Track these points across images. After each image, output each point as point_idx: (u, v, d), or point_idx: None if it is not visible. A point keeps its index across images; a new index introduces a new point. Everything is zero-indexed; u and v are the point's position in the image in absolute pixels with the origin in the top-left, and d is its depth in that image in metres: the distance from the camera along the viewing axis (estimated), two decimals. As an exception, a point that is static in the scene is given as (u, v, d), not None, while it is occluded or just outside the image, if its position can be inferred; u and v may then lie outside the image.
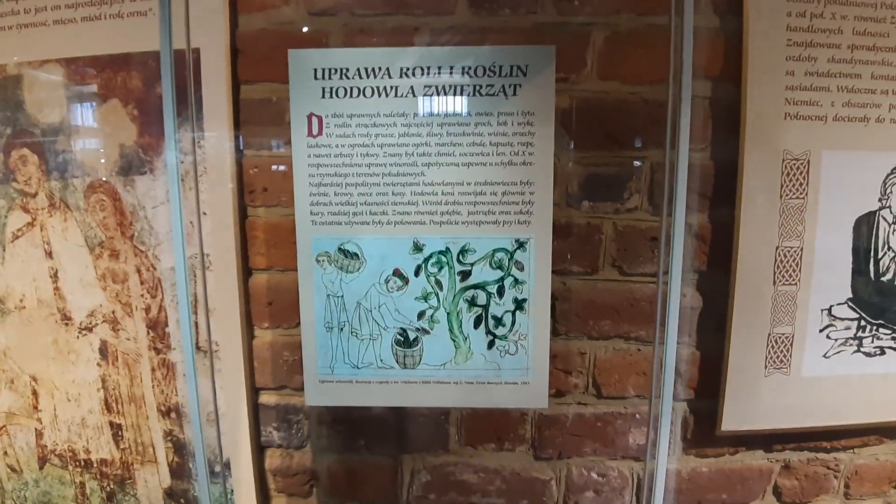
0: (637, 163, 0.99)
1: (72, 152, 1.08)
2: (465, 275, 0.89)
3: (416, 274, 0.90)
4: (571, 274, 1.01)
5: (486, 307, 0.90)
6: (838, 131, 0.98)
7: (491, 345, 0.92)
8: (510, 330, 0.91)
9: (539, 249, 0.89)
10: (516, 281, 0.89)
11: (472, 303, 0.90)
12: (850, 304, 1.03)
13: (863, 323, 1.04)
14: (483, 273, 0.90)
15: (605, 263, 1.02)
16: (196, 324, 1.07)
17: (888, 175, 1.00)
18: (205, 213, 1.02)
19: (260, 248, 1.03)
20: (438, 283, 0.90)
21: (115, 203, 1.07)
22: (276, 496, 1.12)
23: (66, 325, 1.12)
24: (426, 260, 0.90)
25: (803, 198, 0.99)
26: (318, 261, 0.91)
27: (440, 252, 0.89)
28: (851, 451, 1.12)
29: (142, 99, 1.03)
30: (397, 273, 0.90)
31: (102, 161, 1.07)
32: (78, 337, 1.12)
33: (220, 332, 1.05)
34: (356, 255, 0.90)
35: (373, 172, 0.89)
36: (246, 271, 1.04)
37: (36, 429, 1.19)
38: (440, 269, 0.89)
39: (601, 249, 1.01)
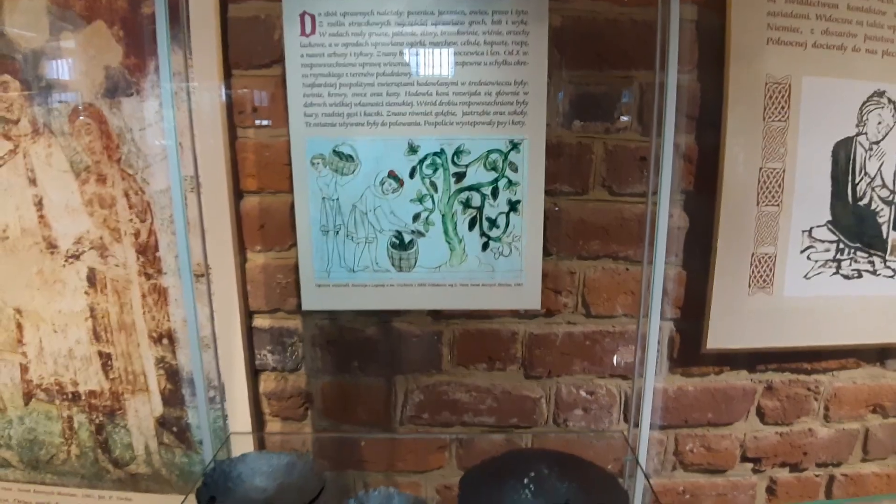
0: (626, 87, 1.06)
1: (55, 76, 1.11)
2: (460, 176, 0.96)
3: (411, 176, 0.96)
4: (562, 194, 1.09)
5: (480, 209, 0.97)
6: (817, 58, 1.06)
7: (485, 247, 0.98)
8: (504, 232, 0.98)
9: (533, 150, 0.96)
10: (510, 182, 0.96)
11: (466, 205, 0.96)
12: (830, 226, 1.12)
13: (841, 246, 1.13)
14: (477, 174, 0.96)
15: (595, 184, 1.09)
16: (188, 248, 1.12)
17: (864, 103, 1.08)
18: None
19: (251, 169, 1.09)
20: (433, 184, 0.96)
21: (100, 126, 1.11)
22: (270, 420, 1.19)
23: (52, 253, 1.16)
24: (421, 161, 0.96)
25: (785, 121, 1.07)
26: (312, 163, 0.96)
27: (435, 153, 0.95)
28: (831, 373, 1.22)
29: (127, 19, 1.07)
30: (392, 175, 0.95)
31: (87, 84, 1.10)
32: (64, 265, 1.16)
33: (213, 256, 1.11)
34: (351, 157, 0.96)
35: (366, 72, 0.95)
36: (237, 194, 1.09)
37: (20, 363, 1.23)
38: (435, 170, 0.95)
39: (591, 169, 1.08)
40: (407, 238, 0.98)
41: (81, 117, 1.12)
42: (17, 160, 1.14)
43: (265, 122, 1.07)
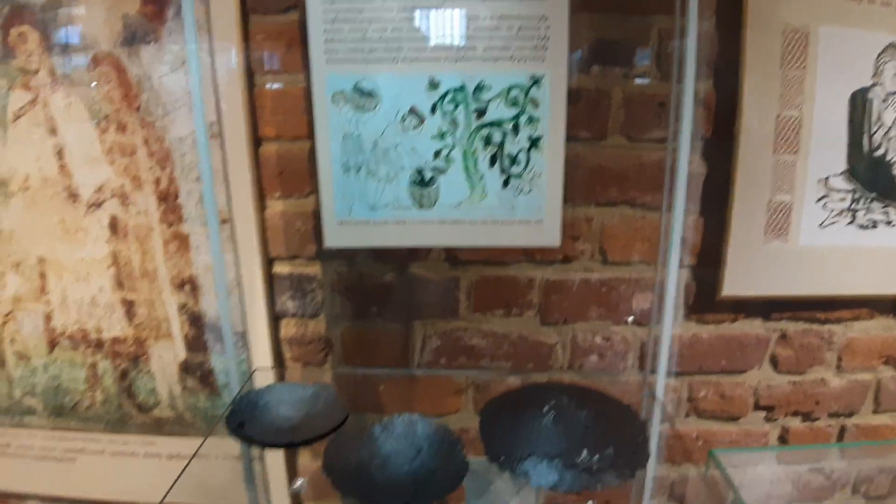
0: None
1: (73, 26, 1.12)
2: (481, 112, 0.97)
3: (432, 112, 0.97)
4: (580, 140, 1.10)
5: (501, 145, 0.98)
6: (835, 8, 1.07)
7: (506, 184, 1.00)
8: (525, 169, 0.99)
9: (554, 86, 0.97)
10: (531, 118, 0.97)
11: (487, 141, 0.98)
12: (846, 176, 1.13)
13: (857, 195, 1.14)
14: (498, 110, 0.97)
15: (613, 129, 1.10)
16: (213, 194, 1.14)
17: (880, 54, 1.08)
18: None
19: (269, 116, 1.10)
20: (454, 121, 0.97)
21: (119, 75, 1.13)
22: (291, 365, 1.22)
23: (74, 202, 1.19)
24: (442, 97, 0.97)
25: (803, 69, 1.08)
26: (333, 100, 0.97)
27: (455, 89, 0.96)
28: (844, 323, 1.23)
29: (145, -35, 1.08)
30: (413, 111, 0.96)
31: (105, 33, 1.11)
32: (86, 214, 1.19)
33: (233, 203, 1.12)
34: (372, 93, 0.97)
35: (387, 7, 0.95)
36: (256, 141, 1.11)
37: (44, 312, 1.26)
38: (456, 106, 0.96)
39: (609, 115, 1.09)
40: (428, 175, 0.99)
41: (100, 66, 1.13)
42: (37, 110, 1.16)
43: (283, 68, 1.08)
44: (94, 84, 1.13)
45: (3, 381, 1.34)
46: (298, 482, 1.06)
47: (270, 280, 1.19)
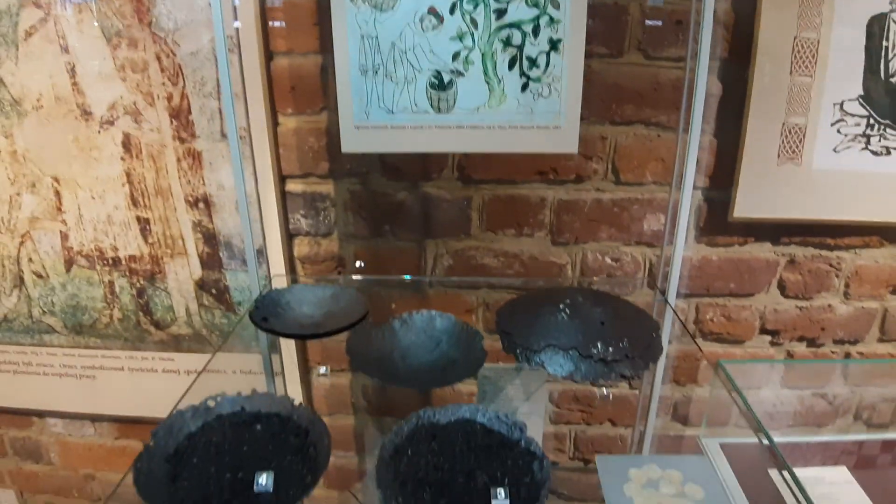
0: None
1: (82, -62, 1.11)
2: (501, 13, 0.96)
3: (451, 12, 0.96)
4: (596, 56, 1.09)
5: (520, 48, 0.98)
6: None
7: (524, 87, 1.00)
8: (544, 72, 0.99)
9: None
10: (552, 20, 0.96)
11: (506, 43, 0.97)
12: (861, 101, 1.12)
13: (871, 121, 1.13)
14: (519, 11, 0.96)
15: (630, 46, 1.09)
16: (220, 111, 1.14)
17: (900, -22, 1.06)
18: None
19: (280, 30, 1.09)
20: (473, 21, 0.96)
21: (130, -12, 1.11)
22: (304, 282, 1.24)
23: (87, 120, 1.19)
24: (462, -4, 0.95)
25: (821, -11, 1.06)
26: (351, -1, 0.96)
27: (476, -13, 0.94)
28: (853, 251, 1.24)
29: None
30: (432, 11, 0.96)
31: (115, -56, 1.10)
32: (99, 132, 1.20)
33: (247, 120, 1.13)
34: (390, -10, 0.95)
35: None
36: (268, 55, 1.11)
37: (61, 231, 1.29)
38: (475, 6, 0.95)
39: (627, 31, 1.08)
40: (446, 78, 0.99)
41: (111, -21, 1.12)
42: (49, 28, 1.16)
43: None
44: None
45: (22, 301, 1.38)
46: (322, 369, 1.10)
47: (284, 198, 1.21)
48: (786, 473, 1.04)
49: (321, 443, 0.77)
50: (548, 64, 0.97)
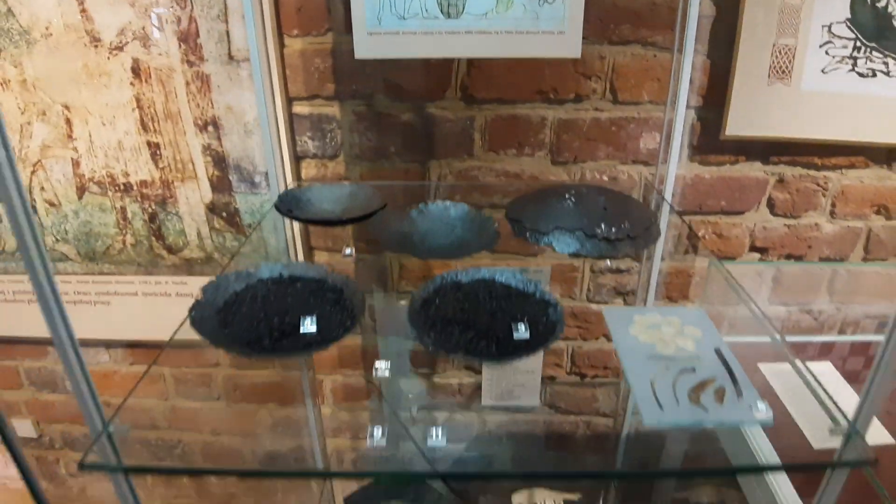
0: None
1: None
2: None
3: None
4: (594, -25, 1.13)
5: None
6: None
7: None
8: None
9: None
10: None
11: None
12: (848, 23, 1.17)
13: (858, 44, 1.18)
14: None
15: (626, -35, 1.13)
16: (227, 33, 1.18)
17: None
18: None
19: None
20: None
21: (135, -90, 1.14)
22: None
23: (96, 47, 1.22)
24: None
25: None
26: None
27: None
28: (839, 171, 1.30)
29: None
30: None
31: None
32: (109, 58, 1.23)
33: (254, 41, 1.16)
34: None
35: None
36: (273, -25, 1.14)
37: (72, 158, 1.33)
38: None
39: (623, -50, 1.12)
40: (456, -17, 1.03)
41: None
42: (55, -48, 1.18)
43: None
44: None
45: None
46: (348, 250, 1.16)
47: (291, 120, 1.25)
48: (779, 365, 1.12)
49: (356, 297, 0.86)
50: (552, -30, 1.01)
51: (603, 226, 0.90)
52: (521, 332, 0.78)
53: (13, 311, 1.51)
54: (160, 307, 1.45)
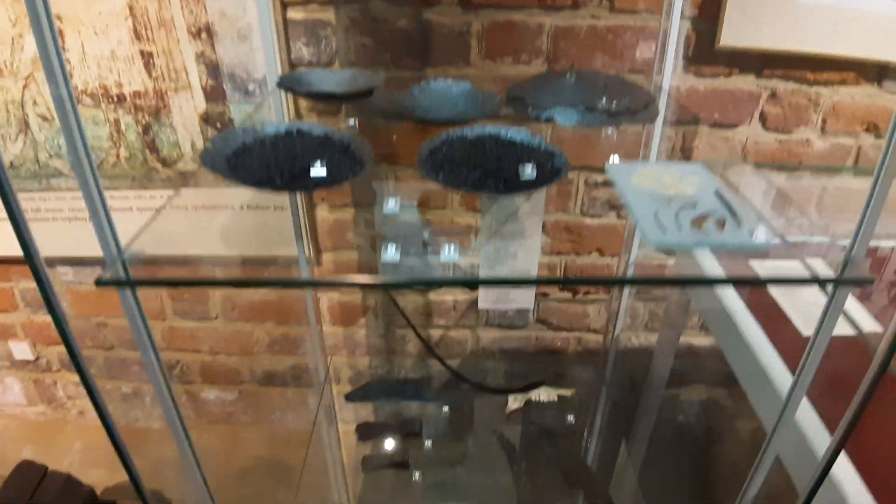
0: None
1: None
2: None
3: None
4: None
5: None
6: None
7: None
8: None
9: None
10: None
11: None
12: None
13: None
14: None
15: None
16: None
17: None
18: None
19: None
20: None
21: None
22: (307, 114, 1.30)
23: (85, -49, 1.20)
24: None
25: None
26: None
27: None
28: (831, 87, 1.32)
29: None
30: None
31: None
32: (98, -38, 1.20)
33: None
34: None
35: None
36: None
37: (63, 70, 1.30)
38: None
39: None
40: None
41: None
42: None
43: None
44: None
45: (28, 146, 1.41)
46: (351, 121, 1.17)
47: (286, 26, 1.24)
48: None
49: (364, 149, 0.87)
50: None
51: (604, 100, 0.92)
52: (528, 172, 0.79)
53: (4, 229, 1.51)
54: (156, 222, 1.45)
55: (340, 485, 1.48)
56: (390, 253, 0.71)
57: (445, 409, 1.44)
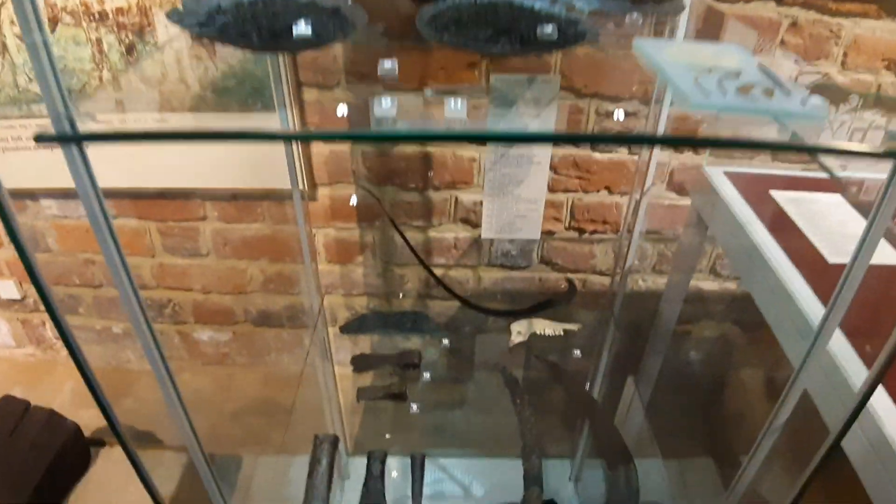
0: None
1: None
2: None
3: None
4: None
5: None
6: None
7: None
8: None
9: None
10: None
11: None
12: None
13: None
14: None
15: None
16: None
17: None
18: None
19: None
20: None
21: None
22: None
23: None
24: None
25: None
26: None
27: None
28: (853, 18, 1.24)
29: None
30: None
31: None
32: None
33: None
34: None
35: None
36: None
37: (41, -16, 1.22)
38: None
39: None
40: None
41: None
42: None
43: None
44: None
45: (6, 70, 1.33)
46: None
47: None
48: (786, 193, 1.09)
49: (357, 13, 0.78)
50: None
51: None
52: (548, 31, 0.71)
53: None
54: (141, 150, 1.38)
55: (337, 423, 1.44)
56: (385, 106, 0.64)
57: (445, 341, 1.39)
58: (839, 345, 0.71)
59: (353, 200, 1.42)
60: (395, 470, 1.39)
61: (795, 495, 0.64)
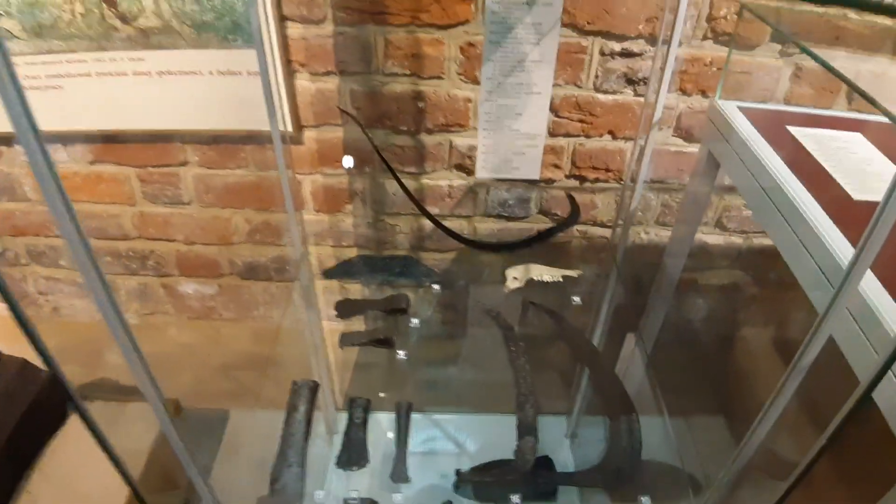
0: None
1: None
2: None
3: None
4: None
5: None
6: None
7: None
8: None
9: None
10: None
11: None
12: None
13: None
14: None
15: None
16: None
17: None
18: None
19: None
20: None
21: None
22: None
23: None
24: None
25: None
26: None
27: None
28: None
29: None
30: None
31: None
32: None
33: None
34: None
35: None
36: None
37: None
38: None
39: None
40: None
41: None
42: None
43: None
44: None
45: (-32, 1, 1.24)
46: None
47: None
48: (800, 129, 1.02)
49: None
50: None
51: None
52: None
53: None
54: (117, 90, 1.30)
55: (325, 377, 1.39)
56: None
57: (437, 287, 1.33)
58: (871, 286, 0.65)
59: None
60: (390, 431, 1.35)
61: (819, 449, 0.59)
